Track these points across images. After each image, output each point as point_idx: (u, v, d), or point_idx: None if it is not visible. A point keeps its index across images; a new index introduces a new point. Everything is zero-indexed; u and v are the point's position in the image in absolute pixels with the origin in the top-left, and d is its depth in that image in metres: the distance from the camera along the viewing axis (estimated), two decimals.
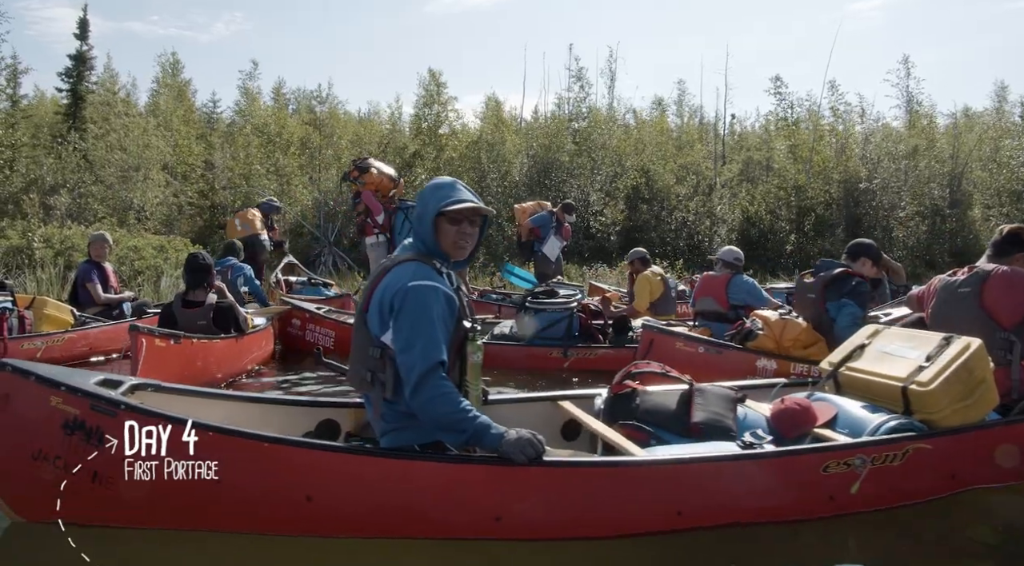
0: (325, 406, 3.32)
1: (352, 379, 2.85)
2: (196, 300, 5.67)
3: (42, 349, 7.09)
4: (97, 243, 8.31)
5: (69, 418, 2.54)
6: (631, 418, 3.32)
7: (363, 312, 2.77)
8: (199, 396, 3.12)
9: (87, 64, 22.18)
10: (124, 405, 2.55)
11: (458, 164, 21.34)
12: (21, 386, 2.57)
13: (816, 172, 23.55)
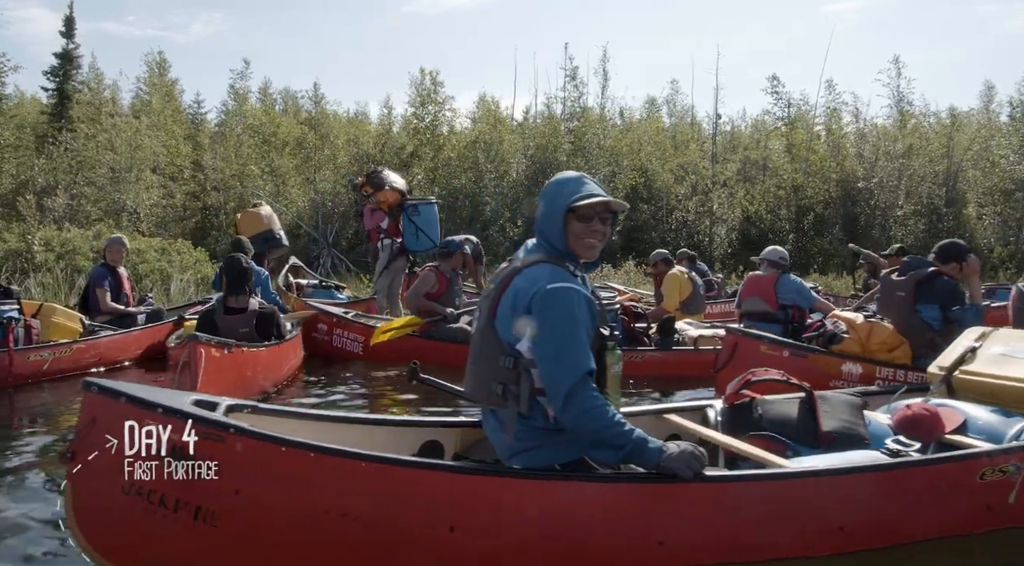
0: (428, 426, 3.03)
1: (477, 393, 2.57)
2: (238, 306, 5.33)
3: (49, 361, 6.69)
4: (115, 247, 7.91)
5: (168, 445, 2.20)
6: (754, 429, 3.06)
7: (490, 318, 2.48)
8: (294, 417, 2.81)
9: (73, 63, 21.68)
10: (234, 428, 2.22)
11: (456, 164, 21.07)
12: (110, 409, 2.24)
13: (813, 171, 23.52)
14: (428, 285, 7.01)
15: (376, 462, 2.24)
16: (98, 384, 2.25)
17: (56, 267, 9.70)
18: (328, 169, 20.08)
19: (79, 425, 2.26)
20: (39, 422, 5.59)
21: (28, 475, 4.04)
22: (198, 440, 2.21)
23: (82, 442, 2.23)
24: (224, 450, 2.21)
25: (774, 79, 24.90)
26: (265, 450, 2.22)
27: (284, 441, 2.25)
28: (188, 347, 4.49)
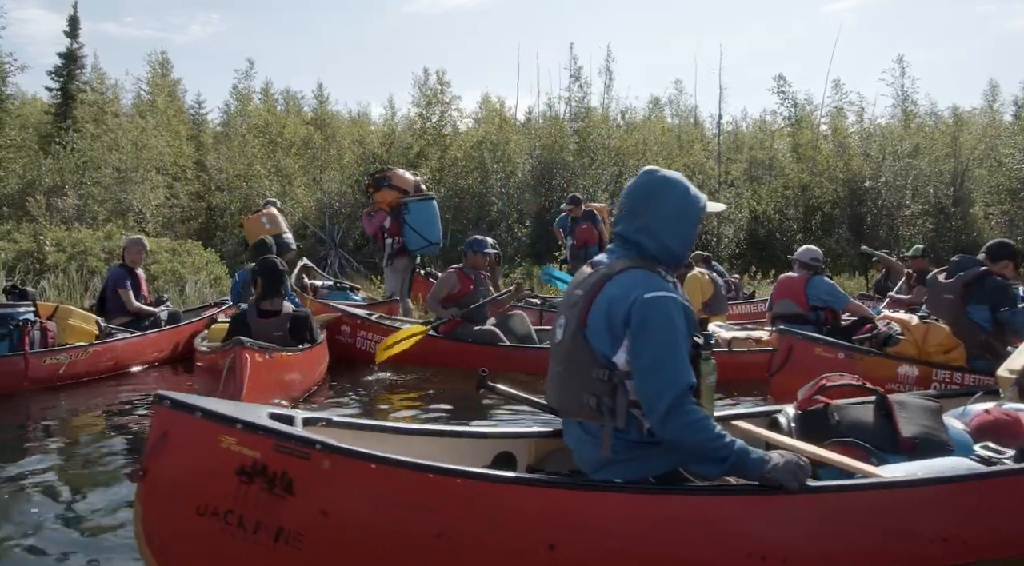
0: (501, 437, 2.94)
1: (565, 405, 2.47)
2: (272, 309, 5.19)
3: (65, 364, 6.58)
4: (134, 247, 7.78)
5: (247, 462, 2.09)
6: (832, 436, 2.95)
7: (580, 327, 2.38)
8: (363, 429, 2.68)
9: (78, 63, 21.52)
10: (321, 445, 2.09)
11: (463, 164, 20.92)
12: (183, 423, 2.11)
13: (820, 171, 23.42)
14: (448, 287, 6.88)
15: (473, 479, 2.13)
16: (170, 397, 2.12)
17: (71, 268, 9.55)
18: (334, 169, 19.92)
19: (149, 441, 2.13)
20: (56, 428, 5.46)
21: (51, 484, 3.92)
22: (281, 457, 2.08)
23: (153, 459, 2.11)
24: (310, 468, 2.08)
25: (780, 79, 24.76)
26: (354, 468, 2.10)
27: (375, 458, 2.12)
28: (233, 352, 4.34)
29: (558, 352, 2.49)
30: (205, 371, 5.38)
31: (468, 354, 6.47)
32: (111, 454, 4.47)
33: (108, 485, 3.88)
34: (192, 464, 2.11)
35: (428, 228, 8.99)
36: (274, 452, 2.08)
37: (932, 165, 23.70)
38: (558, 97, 24.80)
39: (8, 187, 15.50)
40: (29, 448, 4.74)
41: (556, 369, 2.49)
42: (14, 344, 6.28)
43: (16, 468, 4.35)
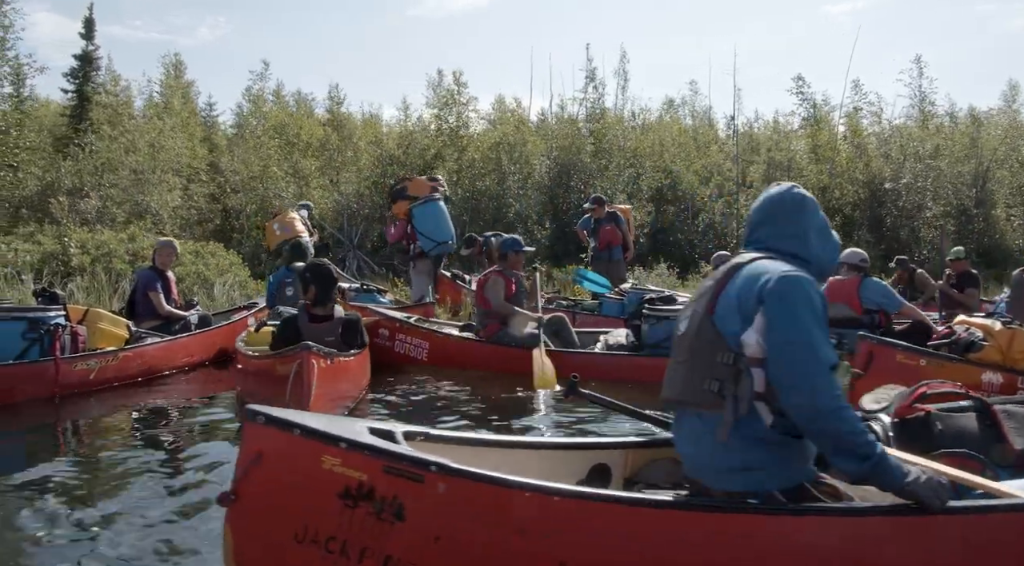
0: (595, 448, 2.75)
1: (684, 394, 2.33)
2: (324, 314, 5.02)
3: (95, 370, 6.42)
4: (165, 250, 7.63)
5: (352, 485, 1.91)
6: (936, 446, 2.76)
7: (709, 314, 2.27)
8: (462, 444, 2.49)
9: (93, 65, 21.42)
10: (436, 466, 1.90)
11: (480, 166, 20.74)
12: (280, 442, 1.94)
13: (839, 172, 23.17)
14: (501, 289, 6.72)
15: (611, 502, 1.93)
16: (265, 413, 1.94)
17: (99, 270, 9.40)
18: (351, 170, 19.77)
19: (241, 461, 1.95)
20: (88, 436, 5.32)
21: (82, 495, 3.80)
22: (392, 479, 1.90)
23: (246, 481, 1.93)
24: (423, 491, 1.90)
25: (799, 79, 24.50)
26: (473, 490, 1.91)
27: (495, 480, 1.94)
28: (300, 357, 4.16)
29: (682, 343, 2.39)
30: (256, 377, 5.19)
31: (512, 359, 6.30)
32: (145, 465, 4.34)
33: (141, 496, 3.76)
34: (290, 487, 1.93)
35: (435, 230, 9.27)
36: (383, 474, 1.90)
37: (951, 166, 23.44)
38: (572, 98, 24.64)
39: (27, 189, 15.39)
40: (60, 457, 4.61)
41: (678, 360, 2.39)
42: (45, 349, 6.13)
43: (47, 477, 4.20)
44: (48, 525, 3.36)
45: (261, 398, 4.92)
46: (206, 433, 5.38)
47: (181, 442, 5.02)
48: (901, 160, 22.75)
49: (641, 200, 21.23)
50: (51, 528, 3.31)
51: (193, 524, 3.34)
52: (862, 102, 24.49)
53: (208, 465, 4.32)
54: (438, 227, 9.32)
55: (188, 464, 4.34)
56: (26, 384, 5.98)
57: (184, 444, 4.95)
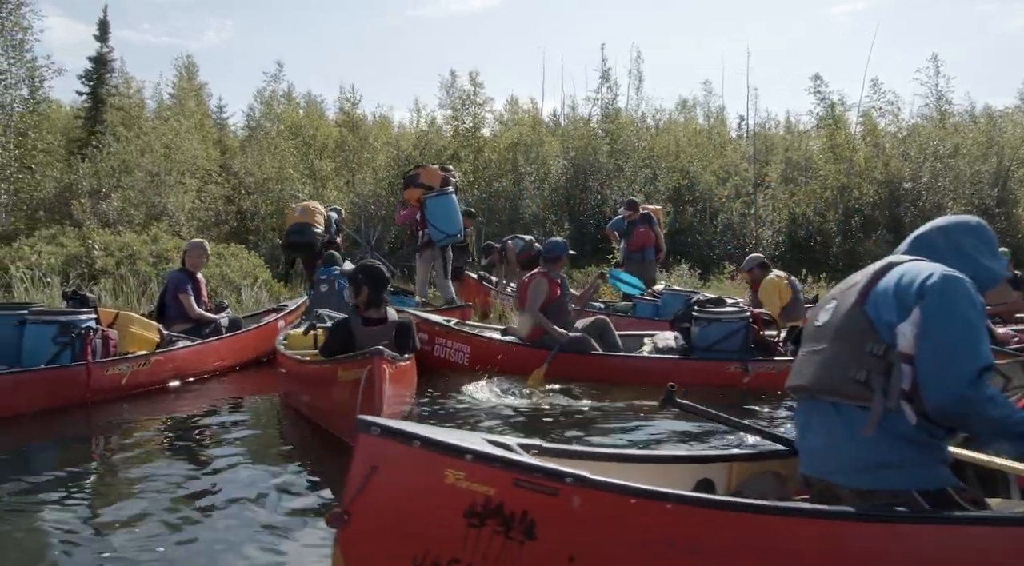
0: (699, 461, 2.61)
1: (824, 383, 2.26)
2: (378, 317, 4.85)
3: (127, 374, 6.24)
4: (196, 251, 7.46)
5: (478, 501, 1.73)
6: None
7: (860, 303, 2.24)
8: (572, 457, 2.30)
9: (107, 67, 21.39)
10: (572, 478, 1.72)
11: (496, 166, 20.59)
12: (399, 455, 1.76)
13: (858, 172, 22.95)
14: (543, 293, 6.53)
15: (774, 514, 1.74)
16: (380, 424, 1.76)
17: (127, 272, 9.26)
18: (367, 171, 19.65)
19: (353, 477, 1.77)
20: (120, 443, 5.11)
21: (118, 505, 3.67)
22: (522, 494, 1.72)
23: (361, 500, 1.74)
24: (557, 506, 1.73)
25: (817, 78, 24.28)
26: (611, 503, 1.74)
27: (635, 491, 1.76)
28: (372, 363, 3.97)
29: (822, 332, 2.35)
30: (313, 384, 4.97)
31: (558, 362, 6.12)
32: (184, 476, 4.20)
33: (180, 508, 3.64)
34: (409, 505, 1.76)
35: (445, 222, 9.57)
36: (513, 488, 1.73)
37: (970, 165, 23.21)
38: (586, 98, 24.50)
39: (45, 191, 15.29)
40: (93, 466, 4.46)
41: (816, 348, 2.35)
42: (76, 353, 5.96)
43: (80, 487, 4.07)
44: (82, 535, 3.29)
45: (321, 406, 4.75)
46: (244, 441, 5.20)
47: (219, 451, 4.82)
48: (921, 160, 22.52)
49: (658, 201, 21.05)
50: (85, 539, 3.24)
51: (231, 536, 3.25)
52: (880, 101, 24.17)
53: (249, 475, 4.16)
54: (448, 220, 9.59)
55: (229, 475, 4.17)
56: (58, 389, 5.82)
57: (222, 453, 4.76)
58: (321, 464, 4.49)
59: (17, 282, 8.11)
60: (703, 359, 6.18)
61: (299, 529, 3.35)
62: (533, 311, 6.47)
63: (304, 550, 3.09)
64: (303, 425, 5.38)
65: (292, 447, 4.96)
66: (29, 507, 3.68)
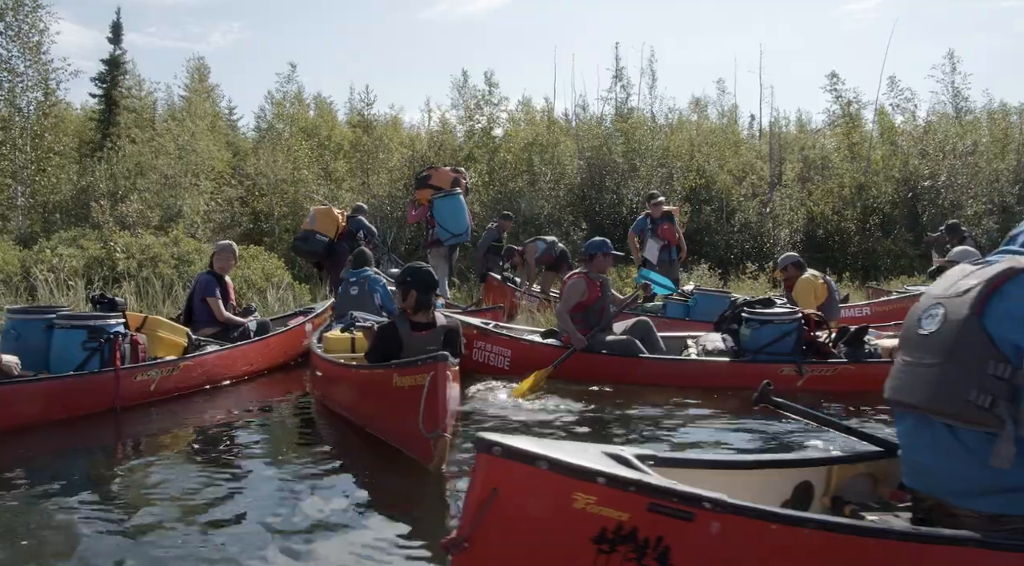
0: (797, 465, 2.48)
1: (939, 404, 2.07)
2: (427, 321, 4.69)
3: (156, 380, 6.10)
4: (224, 253, 7.32)
5: (609, 526, 1.58)
6: None
7: (976, 315, 2.02)
8: (665, 465, 2.13)
9: (120, 69, 21.31)
10: (709, 502, 1.56)
11: (512, 167, 20.41)
12: (524, 477, 1.60)
13: (876, 170, 22.70)
14: (578, 294, 6.36)
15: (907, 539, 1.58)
16: (502, 444, 1.60)
17: (150, 275, 9.12)
18: (382, 172, 19.52)
19: (472, 501, 1.61)
20: (154, 454, 4.96)
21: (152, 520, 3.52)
22: (657, 519, 1.56)
23: (482, 526, 1.57)
24: (693, 532, 1.57)
25: (833, 76, 24.05)
26: (751, 529, 1.57)
27: (776, 516, 1.59)
28: (435, 369, 3.80)
29: (931, 344, 2.13)
30: (361, 391, 4.81)
31: (605, 366, 5.96)
32: (220, 484, 4.08)
33: (218, 517, 3.53)
34: (534, 531, 1.60)
35: (451, 222, 9.90)
36: (647, 512, 1.57)
37: (988, 163, 22.93)
38: (599, 98, 24.36)
39: (60, 194, 15.19)
40: (123, 478, 4.33)
41: (926, 362, 2.14)
42: (105, 359, 5.81)
43: (112, 499, 3.95)
44: (117, 546, 3.21)
45: (372, 412, 4.59)
46: (281, 447, 5.07)
47: (255, 458, 4.71)
48: (940, 157, 22.25)
49: (675, 200, 20.84)
50: (119, 550, 3.16)
51: (274, 545, 3.16)
52: (898, 98, 23.93)
53: (290, 484, 4.04)
54: (456, 220, 9.92)
55: (268, 483, 4.07)
56: (87, 396, 5.69)
57: (258, 460, 4.64)
58: (369, 470, 4.36)
59: (41, 285, 7.96)
60: (755, 361, 6.01)
61: (349, 537, 3.24)
62: (561, 310, 6.35)
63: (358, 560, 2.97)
64: (343, 430, 5.23)
65: (333, 453, 4.83)
66: (59, 519, 3.57)
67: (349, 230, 10.65)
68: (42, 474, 4.41)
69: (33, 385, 5.42)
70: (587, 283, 6.43)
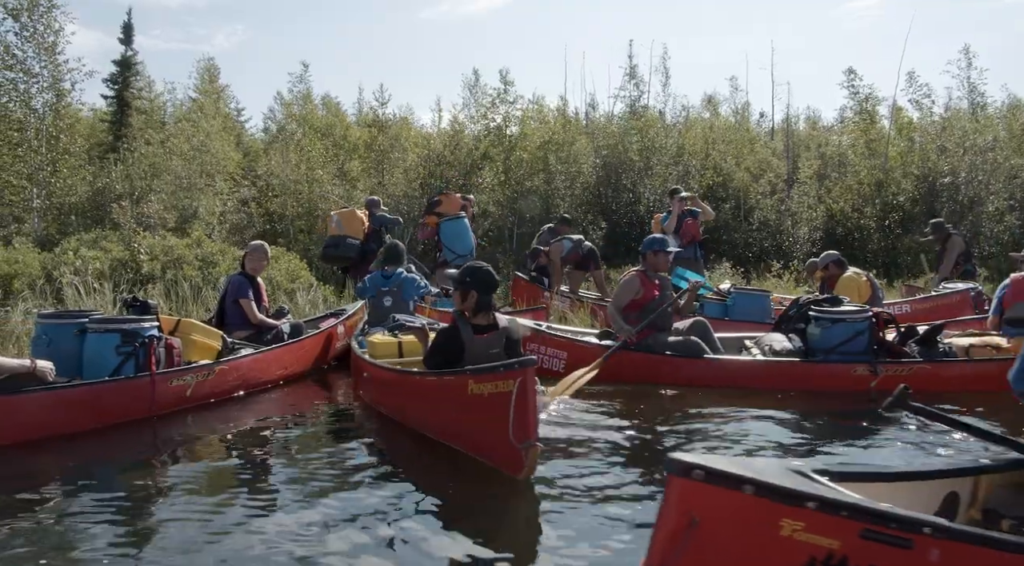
0: (943, 476, 2.31)
1: None
2: (488, 323, 4.48)
3: (192, 385, 5.90)
4: (256, 254, 7.13)
5: (819, 556, 1.38)
6: None
7: None
8: (853, 480, 1.92)
9: (132, 69, 21.16)
10: (930, 527, 1.35)
11: (528, 166, 20.21)
12: (726, 503, 1.39)
13: (893, 166, 22.45)
14: (632, 292, 6.17)
15: None
16: (704, 467, 1.39)
17: (178, 276, 8.92)
18: (398, 172, 19.34)
19: (665, 531, 1.42)
20: (194, 465, 4.73)
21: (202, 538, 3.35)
22: (872, 546, 1.36)
23: (681, 557, 1.36)
24: (912, 560, 1.37)
25: (850, 72, 23.81)
26: (974, 557, 1.36)
27: (1003, 543, 1.37)
28: (523, 375, 3.58)
29: None
30: (427, 399, 4.58)
31: (667, 368, 5.76)
32: (271, 502, 3.88)
33: (275, 535, 3.33)
34: (736, 561, 1.37)
35: (457, 243, 10.67)
36: (860, 539, 1.37)
37: (1006, 159, 22.66)
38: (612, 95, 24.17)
39: (77, 195, 15.01)
40: (167, 495, 4.10)
41: None
42: (140, 364, 5.61)
43: (154, 516, 3.74)
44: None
45: (443, 421, 4.36)
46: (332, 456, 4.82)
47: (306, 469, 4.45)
48: (960, 153, 21.99)
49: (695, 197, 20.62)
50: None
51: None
52: (917, 94, 23.67)
53: (348, 495, 3.86)
54: (461, 242, 10.69)
55: (325, 496, 3.88)
56: (123, 403, 5.50)
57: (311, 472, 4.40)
58: (441, 481, 4.15)
59: (71, 288, 7.77)
60: (826, 362, 5.80)
61: (413, 549, 3.06)
62: (612, 307, 6.16)
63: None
64: (397, 437, 5.04)
65: (395, 462, 4.64)
66: (100, 537, 3.37)
67: (373, 228, 10.50)
68: (79, 485, 4.22)
69: (67, 391, 5.22)
70: (641, 281, 6.28)
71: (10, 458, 4.66)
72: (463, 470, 4.13)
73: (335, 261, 11.07)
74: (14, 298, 7.60)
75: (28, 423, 4.93)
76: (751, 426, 5.11)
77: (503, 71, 21.17)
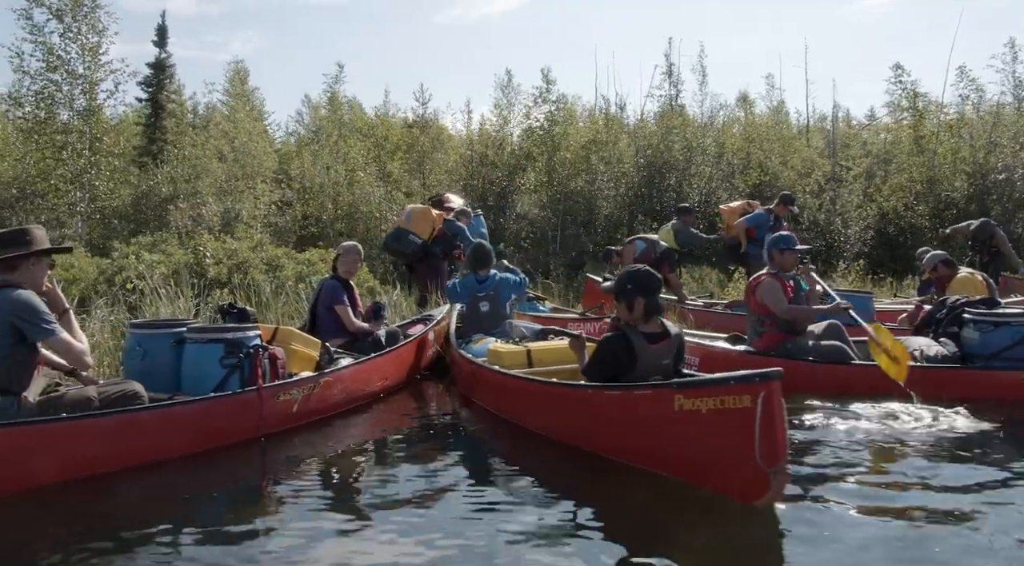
0: None
1: None
2: (659, 330, 4.01)
3: (298, 400, 5.33)
4: (350, 256, 6.67)
5: None
6: None
7: None
8: None
9: (166, 72, 20.86)
10: None
11: (571, 166, 19.74)
12: None
13: (942, 164, 21.85)
14: (779, 293, 5.70)
15: None
16: None
17: (249, 281, 8.46)
18: (440, 172, 18.95)
19: None
20: (320, 499, 4.11)
21: None
22: None
23: None
24: None
25: (898, 68, 23.20)
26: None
27: None
28: (766, 389, 3.08)
29: None
30: (607, 414, 4.03)
31: (809, 374, 5.27)
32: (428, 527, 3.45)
33: None
34: None
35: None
36: None
37: None
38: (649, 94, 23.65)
39: (121, 198, 14.61)
40: (284, 522, 3.61)
41: None
42: (245, 377, 5.08)
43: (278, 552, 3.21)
44: None
45: (637, 442, 3.82)
46: (476, 479, 4.29)
47: (452, 494, 3.92)
48: (1016, 148, 21.37)
49: (740, 198, 20.11)
50: None
51: None
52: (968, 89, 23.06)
53: (525, 533, 3.34)
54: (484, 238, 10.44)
55: (478, 525, 3.43)
56: (231, 421, 4.95)
57: (457, 496, 3.90)
58: (615, 505, 3.63)
59: (147, 294, 7.30)
60: (989, 369, 5.30)
61: None
62: (786, 309, 5.69)
63: None
64: (545, 455, 4.55)
65: (540, 482, 4.11)
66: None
67: (445, 233, 9.94)
68: (190, 519, 3.68)
69: (178, 409, 4.70)
70: (779, 282, 5.83)
71: (113, 488, 4.12)
72: (644, 491, 3.63)
73: (393, 254, 10.85)
74: (88, 304, 7.12)
75: (132, 449, 4.36)
76: (917, 439, 4.65)
77: (544, 70, 20.77)
